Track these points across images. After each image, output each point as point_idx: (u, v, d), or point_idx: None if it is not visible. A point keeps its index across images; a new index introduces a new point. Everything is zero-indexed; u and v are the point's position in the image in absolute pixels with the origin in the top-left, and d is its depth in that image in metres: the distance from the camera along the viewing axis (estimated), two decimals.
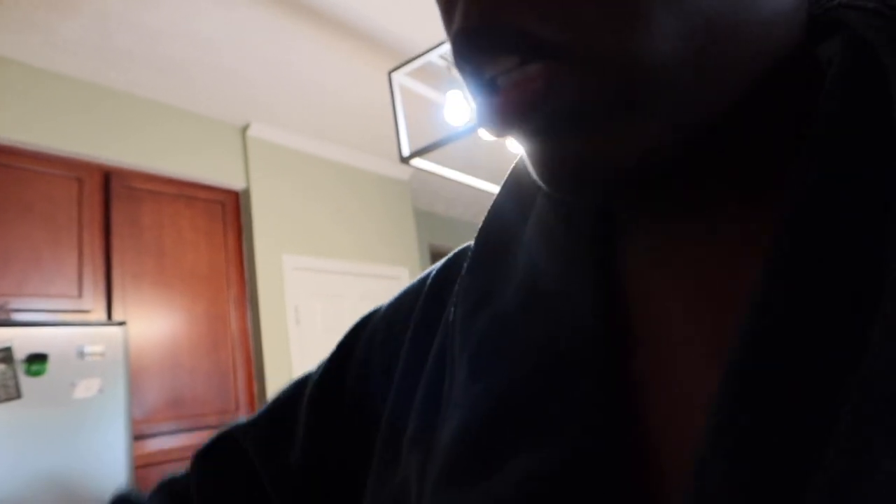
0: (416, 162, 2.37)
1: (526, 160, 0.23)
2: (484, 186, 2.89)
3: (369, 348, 0.36)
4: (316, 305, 3.44)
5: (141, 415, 2.56)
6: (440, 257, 0.39)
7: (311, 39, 2.66)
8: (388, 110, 3.13)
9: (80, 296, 2.49)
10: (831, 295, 0.17)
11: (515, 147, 0.26)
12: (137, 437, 2.47)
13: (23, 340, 2.03)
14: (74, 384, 2.10)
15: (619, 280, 0.25)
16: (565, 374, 0.23)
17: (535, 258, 0.27)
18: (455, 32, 0.21)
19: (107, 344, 2.22)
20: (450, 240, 4.97)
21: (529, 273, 0.27)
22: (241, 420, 0.42)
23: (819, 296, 0.17)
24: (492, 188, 2.83)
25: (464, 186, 3.49)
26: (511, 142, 0.23)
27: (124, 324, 2.32)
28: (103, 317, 2.55)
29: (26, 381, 2.00)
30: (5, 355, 1.97)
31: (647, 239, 0.25)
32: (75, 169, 2.63)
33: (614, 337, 0.23)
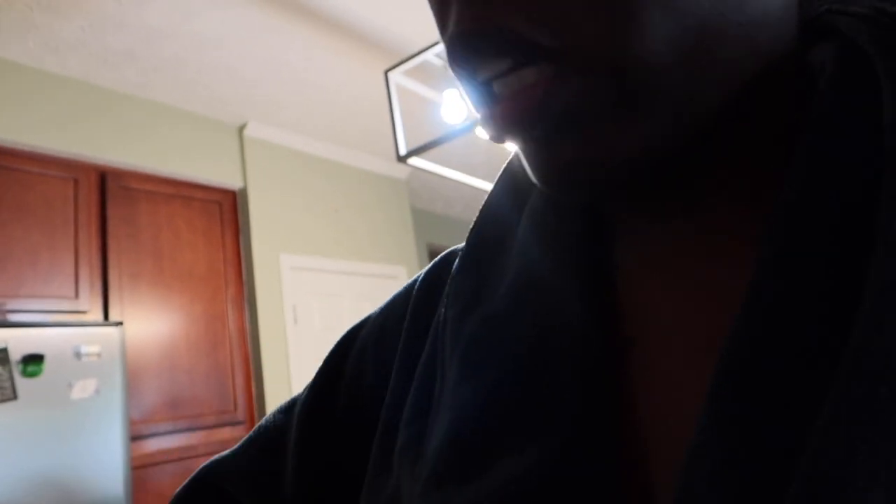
0: (413, 161, 2.37)
1: (522, 159, 0.23)
2: (481, 185, 2.90)
3: (360, 360, 0.36)
4: (314, 305, 3.44)
5: (138, 415, 2.55)
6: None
7: (307, 39, 2.66)
8: (385, 109, 3.13)
9: (76, 296, 2.49)
10: (819, 295, 0.17)
11: (512, 146, 0.27)
12: (135, 437, 2.47)
13: (19, 341, 2.03)
14: (71, 385, 2.10)
15: (611, 279, 0.26)
16: (555, 374, 0.23)
17: (528, 256, 0.28)
18: (449, 37, 0.21)
19: (103, 344, 2.21)
20: (448, 238, 4.97)
21: (521, 271, 0.27)
22: (221, 455, 0.41)
23: (807, 295, 0.18)
24: (489, 186, 2.82)
25: (462, 185, 3.49)
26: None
27: (121, 324, 2.31)
28: (100, 317, 2.55)
29: (22, 382, 2.00)
30: (1, 356, 1.97)
31: (639, 239, 0.25)
32: (71, 169, 2.62)
33: (605, 336, 0.23)
